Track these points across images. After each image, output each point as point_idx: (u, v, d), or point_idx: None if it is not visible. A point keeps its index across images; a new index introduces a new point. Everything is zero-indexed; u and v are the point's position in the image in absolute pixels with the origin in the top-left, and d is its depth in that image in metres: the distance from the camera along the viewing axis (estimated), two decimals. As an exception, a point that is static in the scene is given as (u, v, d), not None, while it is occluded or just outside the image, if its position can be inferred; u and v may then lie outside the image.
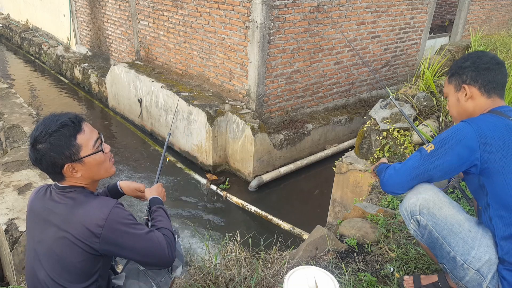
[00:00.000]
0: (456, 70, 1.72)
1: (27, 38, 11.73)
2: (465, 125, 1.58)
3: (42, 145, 1.45)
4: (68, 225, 1.45)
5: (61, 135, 1.45)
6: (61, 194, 1.52)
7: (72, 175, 1.51)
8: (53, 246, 1.47)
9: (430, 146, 1.63)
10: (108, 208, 1.46)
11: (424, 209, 1.66)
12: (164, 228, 1.63)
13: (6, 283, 3.43)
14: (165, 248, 1.53)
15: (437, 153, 1.60)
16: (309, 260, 2.33)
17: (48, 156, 1.45)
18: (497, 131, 1.52)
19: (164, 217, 1.72)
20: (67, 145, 1.46)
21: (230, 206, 5.36)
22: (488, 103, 1.66)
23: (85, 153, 1.50)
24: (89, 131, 1.53)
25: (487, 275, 1.57)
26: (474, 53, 1.73)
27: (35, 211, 1.56)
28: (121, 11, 7.97)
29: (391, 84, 7.68)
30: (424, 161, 1.63)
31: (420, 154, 1.66)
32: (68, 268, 1.46)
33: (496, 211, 1.56)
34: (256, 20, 5.32)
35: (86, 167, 1.51)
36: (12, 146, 4.32)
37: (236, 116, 5.64)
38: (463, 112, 1.72)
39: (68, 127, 1.47)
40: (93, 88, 8.93)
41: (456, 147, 1.55)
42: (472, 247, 1.59)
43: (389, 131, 4.00)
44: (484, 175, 1.55)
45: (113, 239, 1.45)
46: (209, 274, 2.20)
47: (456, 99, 1.73)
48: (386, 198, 3.10)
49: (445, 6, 10.53)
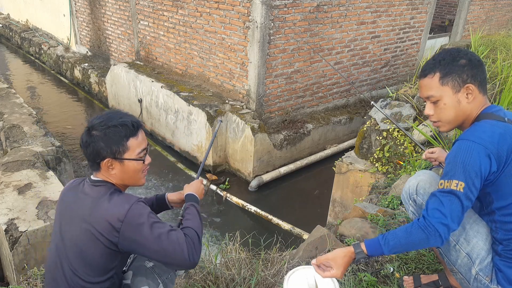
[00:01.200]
0: (452, 69, 1.55)
1: (27, 38, 11.73)
2: (473, 145, 1.46)
3: (97, 132, 1.54)
4: (92, 218, 1.49)
5: (117, 131, 1.54)
6: (91, 187, 1.58)
7: (107, 169, 1.57)
8: (78, 238, 1.51)
9: (460, 184, 1.45)
10: (129, 203, 1.50)
11: (420, 189, 1.75)
12: (189, 228, 1.58)
13: (6, 283, 3.43)
14: (184, 249, 1.48)
15: (469, 187, 1.46)
16: (309, 260, 2.32)
17: (97, 144, 1.53)
18: (504, 141, 1.47)
19: (194, 216, 1.67)
20: (117, 142, 1.54)
21: (230, 206, 5.36)
22: (483, 102, 1.59)
23: (128, 156, 1.57)
24: (141, 139, 1.61)
25: (475, 260, 1.60)
26: (462, 50, 1.61)
27: (66, 201, 1.63)
28: (121, 11, 7.97)
29: (391, 84, 7.67)
30: (464, 201, 1.47)
31: (457, 197, 1.46)
32: (88, 261, 1.50)
33: (502, 217, 1.56)
34: (256, 20, 5.32)
35: (123, 168, 1.58)
36: (12, 146, 4.31)
37: (236, 116, 5.64)
38: (462, 115, 1.59)
39: (127, 127, 1.56)
40: (93, 88, 8.93)
41: (479, 173, 1.45)
42: (464, 228, 1.62)
43: (389, 131, 4.00)
44: (491, 185, 1.53)
45: (131, 235, 1.47)
46: (209, 274, 2.20)
47: (456, 100, 1.57)
48: (386, 198, 3.10)
49: (445, 6, 10.53)
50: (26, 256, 3.00)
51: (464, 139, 1.49)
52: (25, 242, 2.96)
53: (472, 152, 1.45)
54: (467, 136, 1.49)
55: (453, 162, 1.49)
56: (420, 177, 1.79)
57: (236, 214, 5.25)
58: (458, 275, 1.68)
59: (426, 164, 3.27)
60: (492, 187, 1.53)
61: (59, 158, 4.34)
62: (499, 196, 1.54)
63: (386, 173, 3.93)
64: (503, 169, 1.48)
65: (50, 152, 4.28)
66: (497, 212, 1.57)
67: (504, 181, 1.50)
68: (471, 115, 1.59)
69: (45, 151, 4.24)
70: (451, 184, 1.46)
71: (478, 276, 1.60)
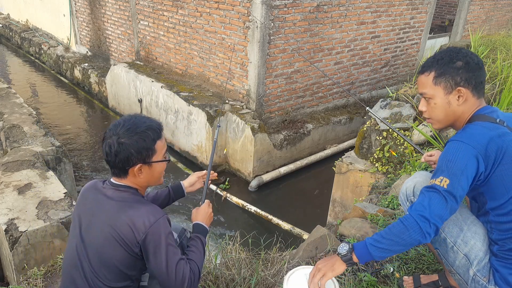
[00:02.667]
0: (447, 70, 1.56)
1: (27, 38, 11.73)
2: (462, 146, 1.48)
3: (127, 139, 1.53)
4: (116, 222, 1.50)
5: (147, 136, 1.56)
6: (114, 191, 1.58)
7: (137, 175, 1.58)
8: (99, 241, 1.52)
9: (445, 180, 1.47)
10: (156, 217, 1.52)
11: (417, 191, 1.75)
12: (193, 262, 1.62)
13: (6, 283, 3.43)
14: (185, 283, 1.52)
15: (453, 185, 1.46)
16: (309, 260, 2.33)
17: (128, 152, 1.53)
18: (492, 141, 1.48)
19: (199, 250, 1.69)
20: (147, 147, 1.56)
21: (230, 206, 5.36)
22: (477, 104, 1.60)
23: (156, 159, 1.60)
24: (164, 140, 1.65)
25: (473, 261, 1.60)
26: (462, 51, 1.60)
27: (87, 202, 1.63)
28: (121, 11, 7.97)
29: (391, 84, 7.68)
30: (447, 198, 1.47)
31: (439, 192, 1.47)
32: (107, 264, 1.51)
33: (496, 217, 1.56)
34: (256, 20, 5.32)
35: (150, 171, 1.60)
36: (12, 146, 4.31)
37: (236, 116, 5.64)
38: (452, 115, 1.62)
39: (154, 131, 1.59)
40: (93, 88, 8.93)
41: (464, 172, 1.46)
42: (461, 229, 1.62)
43: (389, 131, 4.00)
44: (483, 185, 1.54)
45: (147, 247, 1.50)
46: (209, 274, 2.20)
47: (447, 102, 1.59)
48: (386, 198, 3.10)
49: (445, 6, 10.53)
50: (26, 256, 3.00)
51: (454, 140, 1.53)
52: (25, 242, 2.96)
53: (459, 152, 1.48)
54: (457, 137, 1.53)
55: (441, 161, 1.53)
56: (417, 178, 1.80)
57: (236, 214, 5.25)
58: (456, 276, 1.69)
59: (426, 164, 3.27)
60: (484, 187, 1.54)
61: (59, 158, 4.34)
62: (492, 196, 1.55)
63: (386, 173, 3.93)
64: (492, 170, 1.49)
65: (50, 152, 4.28)
66: (491, 212, 1.57)
67: (496, 181, 1.50)
68: (462, 116, 1.61)
69: (45, 151, 4.24)
70: (436, 181, 1.49)
71: (476, 277, 1.61)
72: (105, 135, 1.59)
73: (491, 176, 1.50)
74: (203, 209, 1.86)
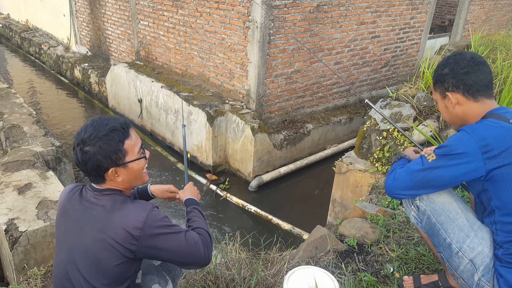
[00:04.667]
0: (438, 78, 1.71)
1: (27, 38, 11.73)
2: (465, 135, 1.54)
3: (90, 147, 1.46)
4: (107, 228, 1.46)
5: (110, 139, 1.48)
6: (98, 196, 1.53)
7: (114, 178, 1.53)
8: (91, 248, 1.48)
9: (432, 156, 1.59)
10: (146, 211, 1.48)
11: (424, 195, 1.73)
12: (199, 228, 1.63)
13: (6, 283, 3.43)
14: (201, 248, 1.53)
15: (437, 163, 1.57)
16: (309, 260, 2.33)
17: (95, 159, 1.47)
18: (499, 137, 1.49)
19: (199, 217, 1.72)
20: (115, 149, 1.48)
21: (230, 206, 5.36)
22: (478, 106, 1.63)
23: (130, 158, 1.53)
24: (135, 137, 1.57)
25: (479, 267, 1.59)
26: (452, 58, 1.69)
27: (70, 211, 1.57)
28: (121, 11, 7.97)
29: (391, 84, 7.68)
30: (424, 168, 1.60)
31: (421, 161, 1.63)
32: (104, 271, 1.48)
33: (501, 217, 1.56)
34: (256, 20, 5.32)
35: (128, 172, 1.55)
36: (12, 146, 4.31)
37: (236, 116, 5.64)
38: (455, 117, 1.72)
39: (118, 132, 1.50)
40: (93, 88, 8.93)
41: (456, 159, 1.52)
42: (468, 235, 1.62)
43: (389, 131, 4.00)
44: (488, 181, 1.54)
45: (150, 241, 1.47)
46: (209, 274, 2.20)
47: (444, 106, 1.73)
48: (386, 198, 3.10)
49: (445, 6, 10.53)
50: (26, 256, 3.00)
51: (461, 129, 1.60)
52: (25, 242, 2.96)
53: (460, 139, 1.55)
54: (464, 128, 1.60)
55: (440, 145, 1.64)
56: None
57: (236, 214, 5.25)
58: (459, 280, 1.68)
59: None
60: (488, 183, 1.55)
61: (59, 158, 4.34)
62: (497, 194, 1.55)
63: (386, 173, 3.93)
64: (496, 165, 1.49)
65: (50, 152, 4.28)
66: (497, 211, 1.57)
67: (500, 178, 1.51)
68: (466, 117, 1.68)
69: (45, 151, 4.24)
70: (429, 156, 1.62)
71: (480, 282, 1.60)
72: (73, 145, 1.54)
73: (494, 171, 1.50)
74: (188, 187, 1.92)
